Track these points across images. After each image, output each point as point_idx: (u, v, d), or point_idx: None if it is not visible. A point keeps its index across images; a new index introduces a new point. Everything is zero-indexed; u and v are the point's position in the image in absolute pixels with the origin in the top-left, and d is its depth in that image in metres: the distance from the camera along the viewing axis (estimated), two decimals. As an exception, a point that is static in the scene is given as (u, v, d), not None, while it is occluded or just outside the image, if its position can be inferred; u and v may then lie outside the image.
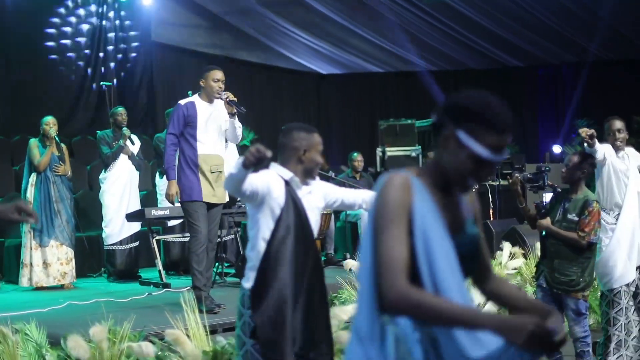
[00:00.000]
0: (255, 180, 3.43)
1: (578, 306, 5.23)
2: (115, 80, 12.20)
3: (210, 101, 6.49)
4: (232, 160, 9.23)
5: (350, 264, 7.12)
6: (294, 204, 3.51)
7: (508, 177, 6.77)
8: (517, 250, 8.16)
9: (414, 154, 12.92)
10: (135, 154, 8.86)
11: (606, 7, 12.29)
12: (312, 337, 3.53)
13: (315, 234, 3.65)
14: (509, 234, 8.59)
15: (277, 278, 3.43)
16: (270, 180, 3.51)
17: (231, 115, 6.45)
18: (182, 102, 6.50)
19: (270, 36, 14.85)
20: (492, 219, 9.83)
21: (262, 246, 3.50)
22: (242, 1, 13.51)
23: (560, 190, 5.54)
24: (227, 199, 6.68)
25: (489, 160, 2.10)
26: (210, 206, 6.43)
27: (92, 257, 9.15)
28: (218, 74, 6.45)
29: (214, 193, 6.42)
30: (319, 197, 3.76)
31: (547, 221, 5.33)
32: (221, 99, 6.41)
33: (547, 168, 5.92)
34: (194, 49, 14.26)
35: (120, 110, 8.91)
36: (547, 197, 5.98)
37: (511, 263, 7.54)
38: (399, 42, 14.64)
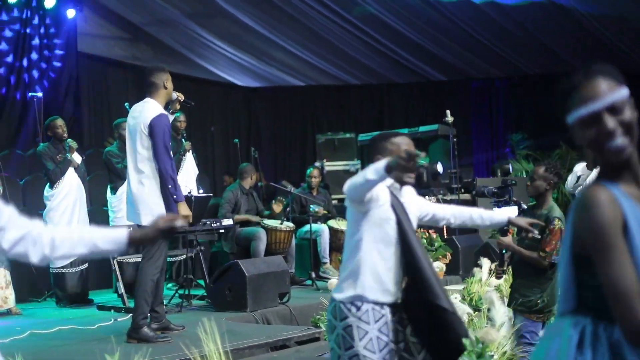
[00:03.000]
0: None
1: (532, 328, 5.00)
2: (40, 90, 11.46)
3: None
4: (193, 172, 8.85)
5: (334, 283, 6.78)
6: (402, 210, 3.37)
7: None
8: (495, 266, 7.90)
9: (352, 169, 12.73)
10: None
11: (534, 21, 12.48)
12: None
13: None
14: (482, 250, 8.09)
15: (424, 280, 3.33)
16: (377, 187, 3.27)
17: (175, 112, 6.21)
18: (160, 110, 5.82)
19: (191, 48, 14.39)
20: (445, 234, 9.50)
21: (368, 253, 3.33)
22: (163, 12, 13.01)
23: (525, 207, 5.27)
24: None
25: (596, 111, 1.99)
26: None
27: (36, 280, 8.44)
28: None
29: None
30: (415, 206, 3.64)
31: (508, 239, 4.99)
32: (172, 100, 6.04)
33: (513, 182, 5.67)
34: (117, 59, 13.65)
35: (59, 121, 8.26)
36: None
37: (493, 281, 7.22)
38: (323, 55, 14.45)
